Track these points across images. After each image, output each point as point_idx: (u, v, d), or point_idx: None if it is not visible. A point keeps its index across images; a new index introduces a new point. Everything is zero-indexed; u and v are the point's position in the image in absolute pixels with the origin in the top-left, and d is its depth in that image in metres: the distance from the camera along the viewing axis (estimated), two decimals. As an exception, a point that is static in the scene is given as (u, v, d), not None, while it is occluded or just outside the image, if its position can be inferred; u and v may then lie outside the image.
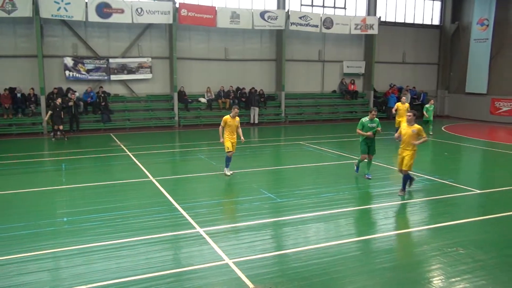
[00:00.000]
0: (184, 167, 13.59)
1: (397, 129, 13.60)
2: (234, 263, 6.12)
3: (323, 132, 21.25)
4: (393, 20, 27.93)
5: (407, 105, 17.46)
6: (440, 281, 5.69)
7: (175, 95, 22.67)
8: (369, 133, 10.98)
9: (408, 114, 9.52)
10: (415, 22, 28.65)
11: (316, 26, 24.41)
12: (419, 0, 28.68)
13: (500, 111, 26.11)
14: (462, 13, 28.52)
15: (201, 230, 7.39)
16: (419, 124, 9.70)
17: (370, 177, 11.21)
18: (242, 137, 11.69)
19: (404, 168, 9.52)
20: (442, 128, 22.77)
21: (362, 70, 27.43)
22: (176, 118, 22.76)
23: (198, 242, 6.92)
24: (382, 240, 7.14)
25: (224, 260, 6.23)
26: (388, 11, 27.72)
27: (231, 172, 11.61)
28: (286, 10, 24.07)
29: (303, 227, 7.70)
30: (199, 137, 19.54)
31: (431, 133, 19.00)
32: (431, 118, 19.30)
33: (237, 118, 11.50)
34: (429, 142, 16.14)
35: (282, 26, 23.76)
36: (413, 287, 5.59)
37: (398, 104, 17.57)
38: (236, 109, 11.43)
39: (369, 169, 11.37)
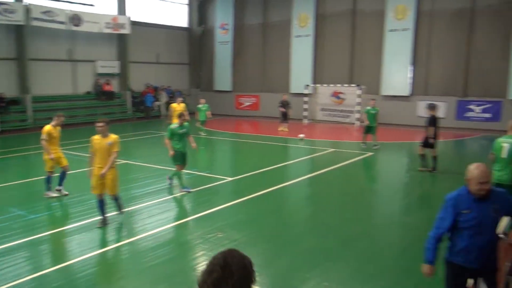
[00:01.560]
0: None
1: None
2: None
3: (79, 136, 20.04)
4: (145, 21, 28.37)
5: (182, 105, 16.95)
6: (203, 266, 6.17)
7: None
8: (171, 153, 9.83)
9: (99, 124, 7.59)
10: (166, 23, 29.81)
11: (63, 22, 22.67)
12: (168, 3, 29.96)
13: (243, 106, 29.78)
14: (207, 17, 31.18)
15: None
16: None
17: (190, 190, 10.00)
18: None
19: (111, 193, 7.88)
20: (196, 125, 24.50)
21: (117, 70, 26.98)
22: None
23: None
24: (148, 239, 7.25)
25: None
26: (139, 11, 27.98)
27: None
28: (25, 4, 21.55)
29: (67, 240, 7.16)
30: None
31: (203, 133, 19.32)
32: (204, 118, 19.45)
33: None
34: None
35: (21, 21, 21.19)
36: (182, 277, 5.91)
37: (174, 105, 17.12)
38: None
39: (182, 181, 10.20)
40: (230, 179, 11.44)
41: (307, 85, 25.82)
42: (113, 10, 26.44)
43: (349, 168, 12.96)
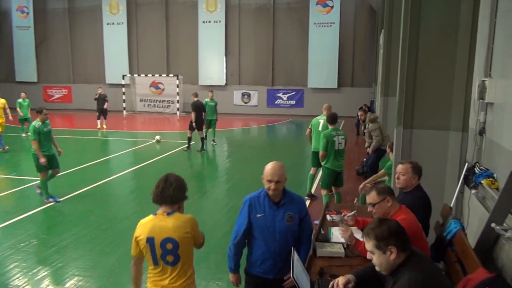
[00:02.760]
0: None
1: None
2: None
3: None
4: None
5: (3, 101, 14.32)
6: (17, 279, 5.47)
7: None
8: (43, 160, 8.22)
9: None
10: None
11: None
12: None
13: (53, 98, 27.08)
14: (0, -2, 27.22)
15: None
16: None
17: (58, 200, 8.55)
18: None
19: None
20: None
21: None
22: None
23: None
24: None
25: None
26: None
27: None
28: None
29: None
30: None
31: (24, 134, 16.20)
32: (28, 115, 16.44)
33: None
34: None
35: None
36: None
37: None
38: None
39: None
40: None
41: (124, 76, 24.89)
42: None
43: (172, 158, 13.03)
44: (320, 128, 8.46)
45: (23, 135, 16.22)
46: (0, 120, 13.99)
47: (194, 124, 13.33)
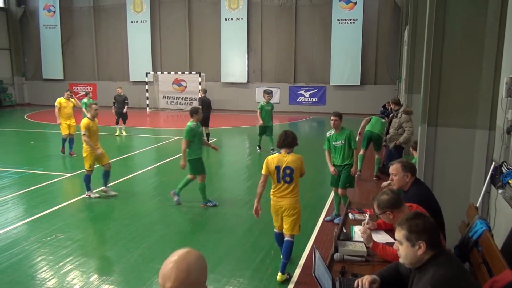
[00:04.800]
0: None
1: None
2: None
3: None
4: None
5: (73, 101, 13.13)
6: (44, 272, 5.61)
7: None
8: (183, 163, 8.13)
9: None
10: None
11: None
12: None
13: (78, 95, 27.56)
14: (27, -3, 27.85)
15: None
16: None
17: (215, 204, 8.25)
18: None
19: None
20: (25, 117, 21.94)
21: None
22: None
23: None
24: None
25: None
26: None
27: None
28: None
29: None
30: None
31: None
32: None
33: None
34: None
35: None
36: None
37: (61, 100, 12.92)
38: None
39: None
40: (69, 175, 10.56)
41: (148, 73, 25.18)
42: None
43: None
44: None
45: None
46: (69, 122, 12.71)
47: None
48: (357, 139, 7.46)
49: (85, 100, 14.14)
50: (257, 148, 13.44)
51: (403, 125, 9.29)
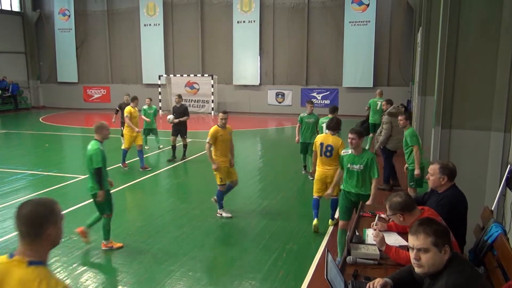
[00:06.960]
0: None
1: None
2: None
3: None
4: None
5: (129, 109, 11.51)
6: (58, 273, 5.68)
7: None
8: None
9: None
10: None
11: None
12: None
13: (92, 98, 27.92)
14: (43, 1, 28.24)
15: None
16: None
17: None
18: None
19: None
20: (40, 120, 22.26)
21: None
22: None
23: None
24: (-11, 251, 6.39)
25: None
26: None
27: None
28: None
29: None
30: None
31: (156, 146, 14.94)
32: (155, 125, 13.61)
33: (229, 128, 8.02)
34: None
35: None
36: None
37: (130, 108, 11.50)
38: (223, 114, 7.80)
39: None
40: (84, 177, 10.66)
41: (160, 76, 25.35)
42: None
43: (205, 157, 13.12)
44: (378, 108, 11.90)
45: (146, 147, 13.89)
46: (135, 134, 11.50)
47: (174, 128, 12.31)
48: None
49: (145, 107, 12.99)
50: (302, 169, 10.90)
51: (383, 126, 9.11)
